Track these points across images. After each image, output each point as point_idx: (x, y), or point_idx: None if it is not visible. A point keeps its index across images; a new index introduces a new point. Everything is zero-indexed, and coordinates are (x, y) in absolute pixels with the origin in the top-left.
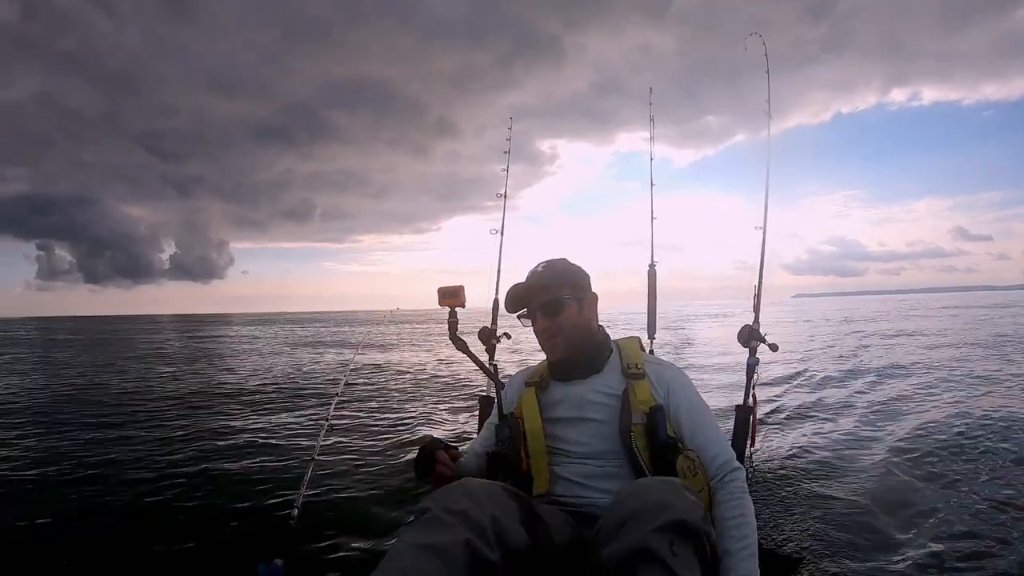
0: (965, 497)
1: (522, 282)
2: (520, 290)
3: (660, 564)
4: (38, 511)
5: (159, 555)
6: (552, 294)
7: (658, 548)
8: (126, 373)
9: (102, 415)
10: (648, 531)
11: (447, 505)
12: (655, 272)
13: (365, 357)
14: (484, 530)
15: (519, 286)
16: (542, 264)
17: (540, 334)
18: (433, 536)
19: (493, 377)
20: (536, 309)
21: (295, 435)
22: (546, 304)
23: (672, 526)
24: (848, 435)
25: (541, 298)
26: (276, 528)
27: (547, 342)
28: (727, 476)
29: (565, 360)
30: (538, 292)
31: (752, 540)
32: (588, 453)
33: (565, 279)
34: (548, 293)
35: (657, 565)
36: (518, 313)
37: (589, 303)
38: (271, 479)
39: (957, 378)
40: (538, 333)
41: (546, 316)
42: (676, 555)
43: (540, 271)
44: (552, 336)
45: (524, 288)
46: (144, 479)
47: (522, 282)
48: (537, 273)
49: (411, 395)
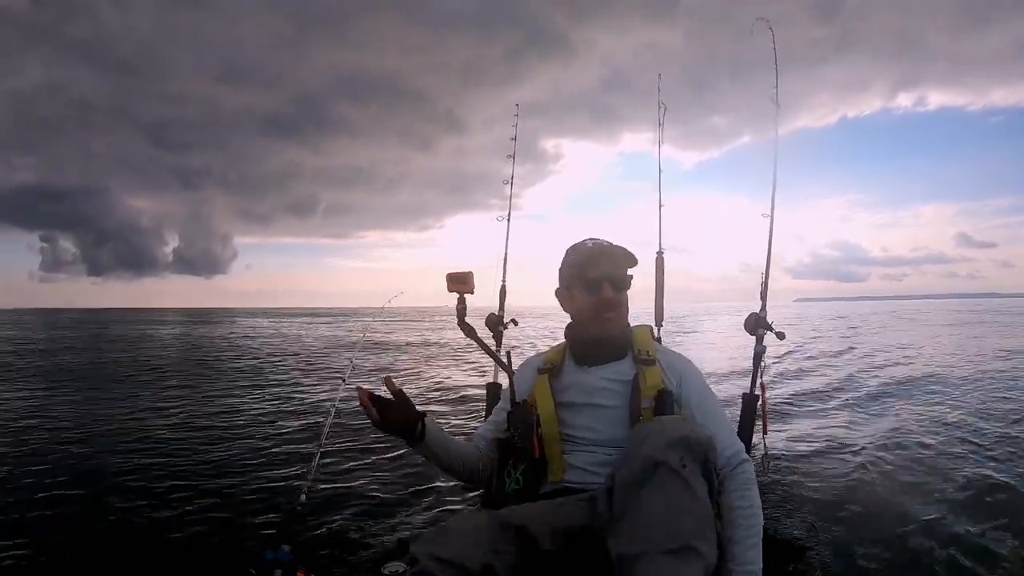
0: (968, 486)
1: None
2: (595, 253)
3: (672, 472)
4: (46, 495)
5: (166, 541)
6: (621, 268)
7: (669, 459)
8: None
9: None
10: (659, 447)
11: (436, 552)
12: (663, 260)
13: (371, 343)
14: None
15: (592, 248)
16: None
17: (597, 305)
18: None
19: (502, 363)
20: (603, 278)
21: (302, 422)
22: (616, 277)
23: (680, 442)
24: (853, 425)
25: (615, 270)
26: (283, 515)
27: (602, 314)
28: (736, 468)
29: (610, 337)
30: (613, 263)
31: (758, 530)
32: (598, 440)
33: (629, 260)
34: (618, 266)
35: (670, 473)
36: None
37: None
38: (278, 466)
39: (963, 372)
40: (598, 305)
41: (615, 288)
42: (686, 467)
43: (605, 244)
44: (611, 309)
45: (600, 253)
46: (152, 465)
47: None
48: (605, 245)
49: (416, 378)
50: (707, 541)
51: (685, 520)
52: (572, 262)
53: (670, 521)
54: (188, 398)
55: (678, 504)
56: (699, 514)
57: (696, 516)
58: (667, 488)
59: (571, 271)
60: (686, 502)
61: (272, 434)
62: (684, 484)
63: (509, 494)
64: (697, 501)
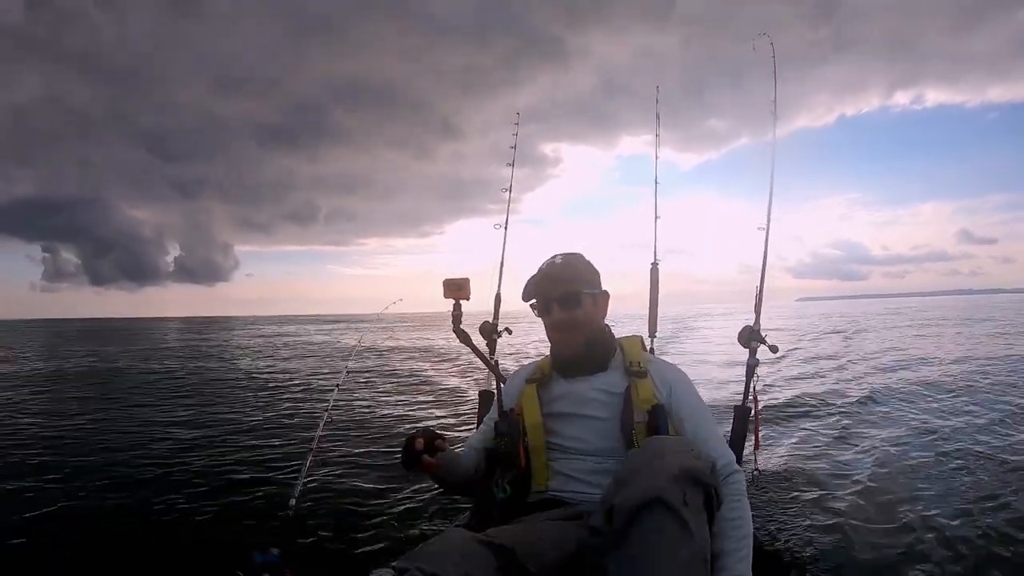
0: (964, 498)
1: (539, 272)
2: (539, 278)
3: (672, 510)
4: (36, 499)
5: (155, 544)
6: (571, 287)
7: (670, 496)
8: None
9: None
10: (662, 480)
11: (424, 567)
12: (657, 270)
13: (367, 347)
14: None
15: (538, 275)
16: (559, 256)
17: (554, 326)
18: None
19: (495, 371)
20: (553, 300)
21: (295, 428)
22: (565, 296)
23: (684, 476)
24: (846, 434)
25: (559, 289)
26: (273, 518)
27: (560, 335)
28: (727, 478)
29: (575, 355)
30: (557, 283)
31: (748, 542)
32: (586, 449)
33: (584, 274)
34: (567, 285)
35: (668, 511)
36: (531, 302)
37: (602, 300)
38: (269, 469)
39: (960, 375)
40: (552, 325)
41: (563, 308)
42: (688, 504)
43: (559, 263)
44: (567, 329)
45: (543, 277)
46: (141, 465)
47: (539, 272)
48: (556, 264)
49: (412, 386)
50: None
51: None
52: (526, 286)
53: (665, 567)
54: (182, 403)
55: (674, 549)
56: (694, 559)
57: (690, 561)
58: (665, 529)
59: (526, 295)
60: (683, 547)
61: (263, 439)
62: (682, 525)
63: (498, 503)
64: (693, 542)
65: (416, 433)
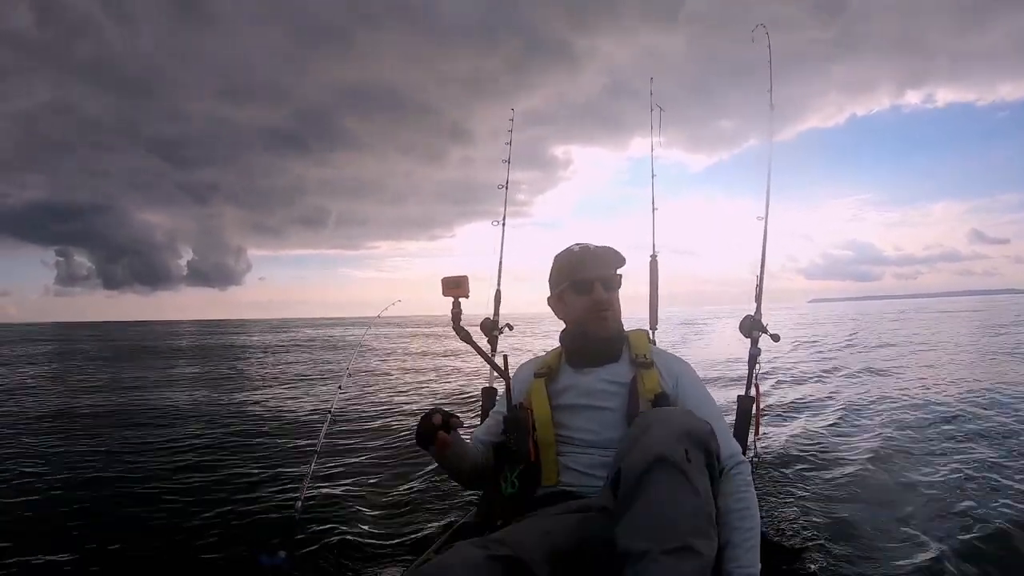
0: (966, 485)
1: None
2: (579, 257)
3: (675, 468)
4: (36, 498)
5: (161, 546)
6: (611, 268)
7: (673, 454)
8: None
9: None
10: (663, 439)
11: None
12: (657, 263)
13: (368, 349)
14: None
15: (575, 255)
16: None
17: (595, 306)
18: None
19: (497, 368)
20: (596, 279)
21: (299, 428)
22: (607, 277)
23: (684, 435)
24: (850, 424)
25: (603, 270)
26: (279, 520)
27: (598, 315)
28: (732, 469)
29: (607, 337)
30: (599, 262)
31: (755, 532)
32: (595, 441)
33: (618, 260)
34: (608, 267)
35: (672, 468)
36: (560, 288)
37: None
38: (275, 472)
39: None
40: (591, 306)
41: (606, 288)
42: (691, 461)
43: (595, 247)
44: (604, 309)
45: (585, 255)
46: (143, 469)
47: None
48: (593, 247)
49: (415, 387)
50: (706, 538)
51: (685, 519)
52: (560, 267)
53: (671, 519)
54: (189, 403)
55: (680, 502)
56: (699, 511)
57: (695, 514)
58: (670, 484)
59: (560, 276)
60: (688, 499)
61: (269, 440)
62: (686, 480)
63: (506, 497)
64: (698, 497)
65: (434, 409)
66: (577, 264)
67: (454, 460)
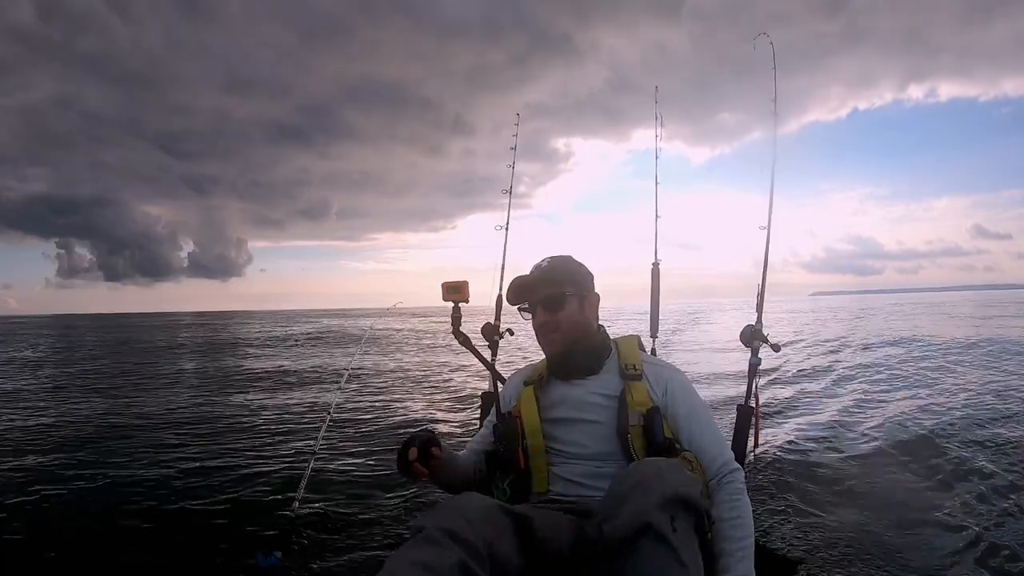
0: (967, 494)
1: (526, 275)
2: (523, 282)
3: (661, 539)
4: (36, 499)
5: (157, 546)
6: (554, 288)
7: (659, 523)
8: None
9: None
10: (650, 506)
11: (440, 524)
12: (659, 270)
13: (369, 342)
14: (477, 550)
15: (522, 278)
16: (547, 259)
17: (539, 328)
18: (428, 555)
19: (496, 373)
20: (537, 302)
21: (297, 427)
22: (547, 298)
23: (672, 501)
24: (848, 431)
25: (543, 291)
26: (275, 521)
27: (545, 337)
28: (725, 477)
29: (563, 357)
30: (540, 285)
31: (749, 541)
32: (585, 454)
33: (568, 275)
34: (550, 287)
35: (658, 540)
36: (518, 305)
37: (590, 302)
38: (272, 472)
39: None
40: (537, 327)
41: (546, 310)
42: (677, 531)
43: (544, 266)
44: (550, 331)
45: (527, 280)
46: (142, 468)
47: (526, 275)
48: (541, 268)
49: (414, 389)
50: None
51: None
52: (511, 290)
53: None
54: (186, 401)
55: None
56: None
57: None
58: (654, 557)
59: (514, 299)
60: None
61: (267, 440)
62: (671, 553)
63: None
64: (685, 570)
65: (411, 439)
66: (523, 287)
67: (443, 479)
